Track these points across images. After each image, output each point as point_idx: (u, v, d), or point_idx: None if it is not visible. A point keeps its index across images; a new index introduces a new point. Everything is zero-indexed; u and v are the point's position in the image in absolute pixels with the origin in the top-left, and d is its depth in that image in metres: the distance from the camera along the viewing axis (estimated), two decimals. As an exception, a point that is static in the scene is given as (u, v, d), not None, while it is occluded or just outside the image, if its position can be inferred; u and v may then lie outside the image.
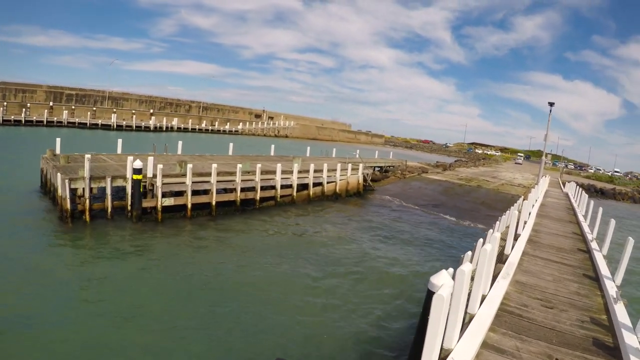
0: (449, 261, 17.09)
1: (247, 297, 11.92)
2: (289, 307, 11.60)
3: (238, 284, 12.85)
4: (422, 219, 25.86)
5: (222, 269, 14.01)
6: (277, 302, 11.79)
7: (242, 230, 18.96)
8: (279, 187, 25.50)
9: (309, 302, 12.06)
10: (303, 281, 13.65)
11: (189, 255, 15.09)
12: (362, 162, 36.29)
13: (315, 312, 11.53)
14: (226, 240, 17.29)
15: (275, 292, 12.45)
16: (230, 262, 14.75)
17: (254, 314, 10.97)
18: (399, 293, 13.36)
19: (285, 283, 13.29)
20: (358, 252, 17.64)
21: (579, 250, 12.54)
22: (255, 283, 13.05)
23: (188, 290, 12.06)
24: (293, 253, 16.39)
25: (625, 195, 65.99)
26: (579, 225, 17.09)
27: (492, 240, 7.26)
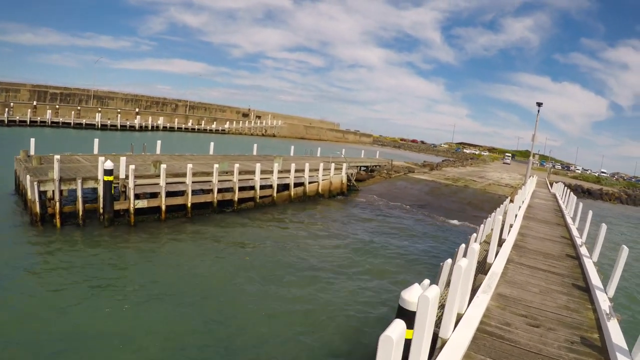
0: (431, 266, 16.19)
1: (219, 305, 11.30)
2: (262, 316, 10.96)
3: (209, 291, 12.16)
4: (406, 221, 24.93)
5: (194, 275, 13.23)
6: (251, 312, 11.16)
7: (218, 233, 18.10)
8: (258, 187, 24.53)
9: (282, 313, 11.31)
10: (277, 290, 12.76)
11: (160, 260, 14.33)
12: (346, 161, 35.30)
13: (286, 324, 10.77)
14: (200, 244, 16.44)
15: (250, 301, 11.78)
16: (202, 268, 13.98)
17: (225, 322, 10.39)
18: (377, 302, 12.41)
19: (260, 291, 12.52)
20: (336, 257, 16.73)
21: (567, 257, 11.65)
22: (228, 290, 12.45)
23: (158, 298, 11.33)
24: (269, 258, 15.59)
25: (612, 196, 65.96)
26: (567, 228, 16.25)
27: (470, 253, 6.26)
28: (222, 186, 21.98)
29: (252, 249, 16.61)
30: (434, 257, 17.83)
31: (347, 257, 16.77)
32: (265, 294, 12.36)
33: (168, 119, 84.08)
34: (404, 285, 13.76)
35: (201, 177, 21.38)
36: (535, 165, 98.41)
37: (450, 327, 5.75)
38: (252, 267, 14.45)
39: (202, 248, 15.96)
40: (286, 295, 12.39)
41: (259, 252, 16.27)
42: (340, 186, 31.96)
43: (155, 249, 15.31)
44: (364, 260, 16.61)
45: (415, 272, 15.52)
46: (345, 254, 17.20)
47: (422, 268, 16.19)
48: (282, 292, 12.59)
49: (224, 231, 18.45)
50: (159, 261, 14.23)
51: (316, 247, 17.75)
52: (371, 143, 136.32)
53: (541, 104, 35.39)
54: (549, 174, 70.26)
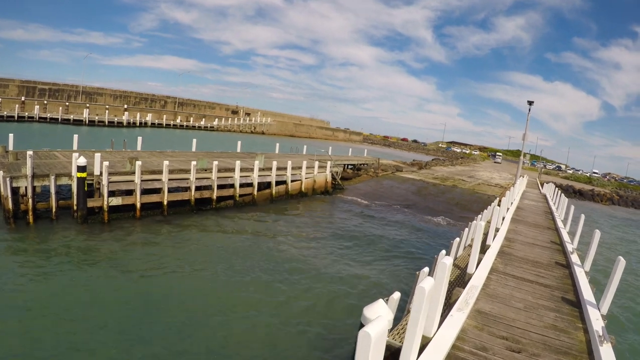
0: (411, 271, 15.17)
1: (190, 309, 10.63)
2: (235, 322, 10.33)
3: (181, 293, 11.53)
4: (390, 222, 23.89)
5: (163, 277, 12.52)
6: (223, 316, 10.51)
7: (193, 232, 17.32)
8: (237, 185, 23.64)
9: (257, 319, 10.61)
10: (250, 295, 11.94)
11: (132, 259, 13.60)
12: (331, 159, 34.21)
13: (261, 329, 10.11)
14: (174, 243, 15.65)
15: (222, 305, 11.14)
16: (175, 268, 13.25)
17: (195, 327, 9.76)
18: (353, 311, 11.37)
19: (234, 295, 11.86)
20: (313, 259, 15.74)
21: (557, 265, 10.63)
22: (200, 292, 11.76)
23: (127, 300, 10.75)
24: (245, 259, 14.75)
25: (604, 197, 65.50)
26: (558, 232, 15.26)
27: (440, 270, 5.17)
28: (200, 184, 21.23)
29: (227, 249, 15.75)
30: (416, 259, 16.82)
31: (325, 260, 15.80)
32: (237, 298, 11.62)
33: (157, 115, 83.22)
34: (380, 292, 12.77)
35: (178, 175, 20.58)
36: (526, 165, 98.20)
37: (413, 356, 4.69)
38: (224, 269, 13.63)
39: (175, 248, 15.19)
40: (258, 301, 11.60)
41: (234, 253, 15.38)
42: (325, 185, 30.91)
43: (126, 248, 14.55)
44: (343, 263, 15.67)
45: (395, 277, 14.49)
46: (323, 256, 16.23)
47: (402, 272, 15.16)
48: (255, 298, 11.76)
49: (200, 230, 17.65)
50: (128, 260, 13.46)
51: (293, 248, 16.75)
52: (361, 141, 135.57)
53: (532, 103, 35.00)
54: (539, 174, 69.77)
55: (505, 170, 74.66)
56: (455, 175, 47.10)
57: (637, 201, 70.66)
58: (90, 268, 12.52)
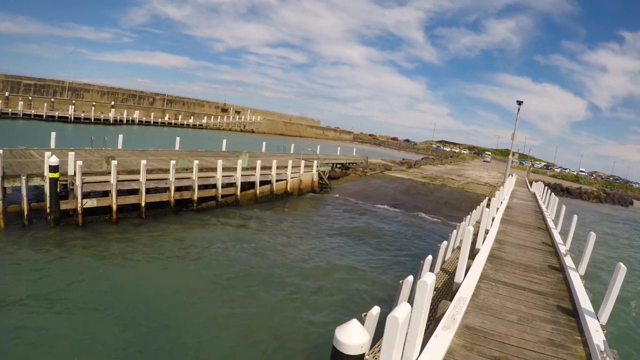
0: (396, 274, 14.50)
1: (163, 318, 9.94)
2: (205, 331, 9.66)
3: (155, 304, 10.72)
4: (377, 222, 23.22)
5: (139, 285, 11.76)
6: (194, 330, 9.72)
7: (172, 235, 16.49)
8: (220, 185, 22.87)
9: (230, 329, 9.96)
10: (228, 303, 11.25)
11: (104, 265, 12.82)
12: (318, 158, 33.47)
13: (229, 343, 9.33)
14: (151, 247, 14.88)
15: (197, 317, 10.32)
16: (150, 276, 12.52)
17: (170, 338, 9.14)
18: (334, 322, 10.63)
19: (207, 303, 11.12)
20: (297, 263, 15.01)
21: (550, 269, 10.00)
22: (176, 303, 10.91)
23: (95, 308, 10.05)
24: (224, 265, 13.98)
25: (591, 195, 65.77)
26: (549, 232, 14.65)
27: (420, 289, 4.43)
28: (180, 184, 20.35)
29: (207, 254, 15.00)
30: (402, 263, 16.16)
31: (308, 264, 15.07)
32: (213, 305, 10.95)
33: (144, 112, 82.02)
34: (361, 301, 12.05)
35: (157, 175, 19.62)
36: (515, 163, 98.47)
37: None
38: (203, 275, 12.95)
39: (152, 252, 14.42)
40: (237, 310, 10.90)
41: (213, 258, 14.67)
42: (311, 184, 30.19)
43: (98, 254, 13.70)
44: (327, 268, 14.95)
45: (379, 284, 13.78)
46: (306, 260, 15.50)
47: (387, 277, 14.46)
48: (233, 306, 11.06)
49: (179, 233, 16.82)
50: (98, 267, 12.65)
51: (275, 253, 15.91)
52: (351, 140, 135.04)
53: (521, 102, 35.10)
54: (528, 173, 69.78)
55: (494, 169, 74.55)
56: (445, 174, 46.64)
57: (623, 199, 71.20)
58: (55, 276, 11.63)
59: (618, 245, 28.61)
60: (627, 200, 71.70)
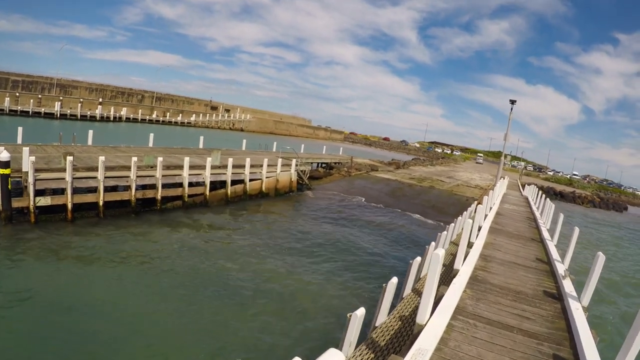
0: (366, 291, 12.52)
1: (105, 326, 9.06)
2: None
3: (98, 310, 9.85)
4: (356, 227, 21.18)
5: (82, 291, 10.79)
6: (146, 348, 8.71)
7: (128, 237, 15.40)
8: (186, 184, 21.19)
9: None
10: (182, 319, 10.01)
11: (49, 265, 11.95)
12: (297, 157, 31.44)
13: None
14: (103, 250, 13.74)
15: (147, 332, 9.24)
16: (94, 280, 11.54)
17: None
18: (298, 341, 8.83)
19: (158, 316, 10.02)
20: (263, 271, 13.55)
21: (546, 296, 7.98)
22: (122, 317, 9.75)
23: (32, 320, 9.06)
24: (177, 271, 12.82)
25: (585, 199, 64.29)
26: (544, 245, 12.61)
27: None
28: (142, 182, 19.06)
29: (160, 257, 13.85)
30: (375, 278, 14.10)
31: (276, 273, 13.51)
32: (164, 320, 9.88)
33: (132, 110, 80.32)
34: (328, 324, 10.10)
35: (118, 172, 18.49)
36: (507, 166, 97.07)
37: None
38: (151, 282, 11.89)
39: (102, 254, 13.34)
40: (183, 320, 9.89)
41: (167, 262, 13.49)
42: (289, 185, 28.18)
43: (48, 254, 12.73)
44: (296, 278, 13.42)
45: (342, 306, 11.74)
46: (273, 269, 13.90)
47: (357, 296, 12.48)
48: (186, 323, 9.83)
49: (136, 235, 15.69)
50: (45, 268, 11.82)
51: (240, 259, 14.47)
52: (342, 140, 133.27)
53: (514, 102, 34.37)
54: (520, 175, 68.19)
55: (486, 171, 72.90)
56: (434, 176, 44.76)
57: (617, 204, 69.83)
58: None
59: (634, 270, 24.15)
60: (621, 205, 70.34)
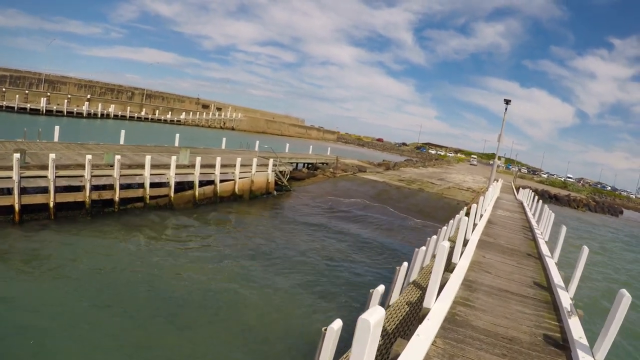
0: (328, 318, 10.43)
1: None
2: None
3: (24, 324, 8.78)
4: (331, 235, 19.05)
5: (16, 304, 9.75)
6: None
7: (77, 242, 14.13)
8: (147, 185, 19.57)
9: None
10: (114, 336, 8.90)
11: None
12: (276, 156, 29.34)
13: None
14: (45, 257, 12.60)
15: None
16: (29, 291, 10.43)
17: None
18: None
19: (96, 333, 8.94)
20: (218, 288, 11.97)
21: (547, 344, 5.88)
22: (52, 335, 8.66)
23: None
24: (127, 283, 11.57)
25: (580, 203, 62.73)
26: (543, 264, 10.47)
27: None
28: (98, 182, 17.67)
29: (110, 266, 12.60)
30: (342, 301, 12.06)
31: (233, 289, 11.89)
32: (96, 337, 8.78)
33: (121, 107, 79.25)
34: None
35: (72, 171, 17.21)
36: (501, 168, 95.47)
37: None
38: (93, 294, 10.72)
39: (44, 263, 12.18)
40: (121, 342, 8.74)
41: (116, 271, 12.28)
42: (266, 186, 26.08)
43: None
44: (256, 297, 11.60)
45: (304, 324, 9.73)
46: (230, 283, 12.35)
47: (321, 316, 10.46)
48: (120, 344, 8.70)
49: (87, 240, 14.46)
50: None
51: (197, 271, 12.95)
52: (335, 140, 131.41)
53: (509, 102, 33.11)
54: (515, 178, 66.47)
55: (480, 173, 71.12)
56: (424, 178, 42.81)
57: (613, 208, 68.39)
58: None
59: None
60: (616, 209, 68.94)
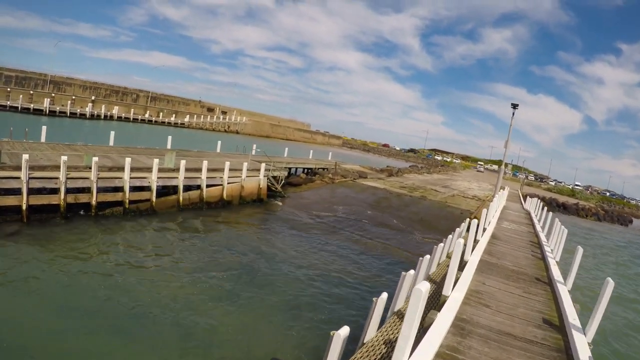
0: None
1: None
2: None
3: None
4: (317, 249, 17.46)
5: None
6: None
7: (48, 247, 13.23)
8: (127, 188, 18.49)
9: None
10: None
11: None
12: (270, 160, 27.95)
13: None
14: (19, 260, 11.85)
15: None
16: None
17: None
18: None
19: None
20: (185, 306, 10.72)
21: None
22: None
23: None
24: (86, 293, 10.64)
25: (589, 211, 60.76)
26: (554, 293, 8.79)
27: None
28: (75, 185, 16.91)
29: (74, 272, 11.69)
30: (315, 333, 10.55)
31: (201, 310, 10.64)
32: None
33: (125, 109, 77.95)
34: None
35: (48, 172, 16.51)
36: (508, 175, 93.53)
37: None
38: (47, 305, 9.75)
39: (7, 270, 11.31)
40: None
41: (78, 280, 11.34)
42: (257, 192, 24.66)
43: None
44: (227, 317, 10.45)
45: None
46: (206, 300, 11.15)
47: (292, 342, 8.97)
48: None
49: (59, 245, 13.58)
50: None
51: (166, 284, 11.92)
52: (340, 145, 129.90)
53: (517, 106, 31.45)
54: (522, 186, 64.63)
55: (486, 180, 69.33)
56: (428, 185, 41.22)
57: (622, 217, 66.26)
58: None
59: None
60: (626, 218, 66.77)
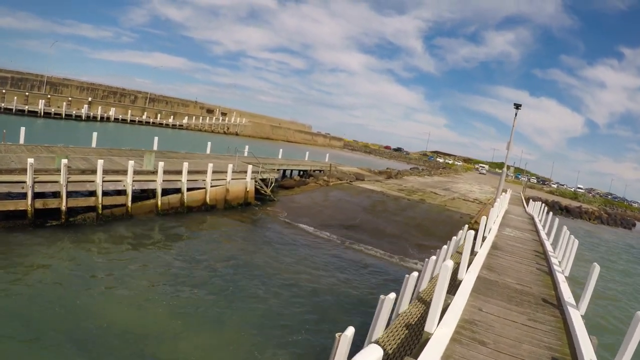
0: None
1: None
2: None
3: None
4: (303, 259, 16.03)
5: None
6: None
7: (17, 259, 12.27)
8: (100, 193, 17.33)
9: None
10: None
11: None
12: (258, 162, 26.57)
13: None
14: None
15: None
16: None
17: None
18: None
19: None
20: (147, 326, 9.78)
21: None
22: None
23: None
24: (40, 310, 9.69)
25: (592, 215, 59.29)
26: (565, 321, 7.31)
27: None
28: (42, 189, 15.99)
29: (34, 282, 11.00)
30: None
31: (174, 326, 9.84)
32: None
33: (122, 110, 76.89)
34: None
35: (14, 176, 15.31)
36: (510, 177, 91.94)
37: None
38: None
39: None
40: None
41: (38, 294, 10.44)
42: (244, 195, 23.31)
43: None
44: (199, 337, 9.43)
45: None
46: (176, 317, 10.25)
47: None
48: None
49: (21, 255, 12.59)
50: None
51: (132, 297, 11.09)
52: (341, 147, 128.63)
53: (519, 106, 30.40)
54: (524, 189, 63.07)
55: (488, 182, 67.82)
56: (428, 187, 39.78)
57: (625, 220, 64.65)
58: None
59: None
60: (629, 221, 65.20)
